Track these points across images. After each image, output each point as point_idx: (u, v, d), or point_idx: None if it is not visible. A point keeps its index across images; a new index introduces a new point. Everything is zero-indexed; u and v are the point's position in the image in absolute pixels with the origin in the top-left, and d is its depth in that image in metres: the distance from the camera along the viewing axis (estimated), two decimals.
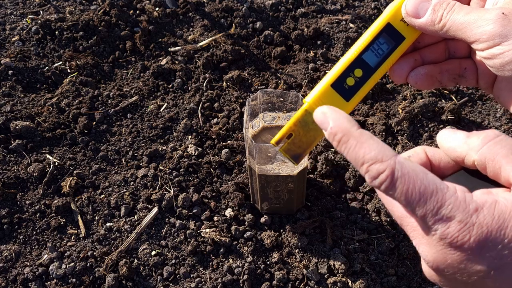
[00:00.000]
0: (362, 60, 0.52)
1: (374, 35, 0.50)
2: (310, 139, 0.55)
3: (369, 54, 0.51)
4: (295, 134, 0.55)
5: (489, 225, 0.33)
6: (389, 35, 0.50)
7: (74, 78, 1.08)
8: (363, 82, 0.52)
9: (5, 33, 1.19)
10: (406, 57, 0.52)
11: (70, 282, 0.77)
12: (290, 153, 0.56)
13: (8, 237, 0.83)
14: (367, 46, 0.51)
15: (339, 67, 0.52)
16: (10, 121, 0.97)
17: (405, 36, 0.50)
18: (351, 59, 0.52)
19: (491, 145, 0.35)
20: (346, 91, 0.52)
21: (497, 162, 0.35)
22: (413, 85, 0.52)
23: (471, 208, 0.33)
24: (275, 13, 1.24)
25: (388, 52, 0.51)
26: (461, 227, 0.33)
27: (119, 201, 0.87)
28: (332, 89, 0.52)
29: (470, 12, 0.42)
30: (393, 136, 0.97)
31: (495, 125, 0.98)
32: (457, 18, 0.42)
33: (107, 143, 0.97)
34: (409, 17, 0.47)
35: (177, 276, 0.78)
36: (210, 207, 0.85)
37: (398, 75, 0.52)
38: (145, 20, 1.20)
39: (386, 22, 0.50)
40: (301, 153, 0.55)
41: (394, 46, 0.50)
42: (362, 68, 0.52)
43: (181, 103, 1.04)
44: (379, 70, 0.51)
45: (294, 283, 0.76)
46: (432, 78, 0.51)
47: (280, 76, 1.09)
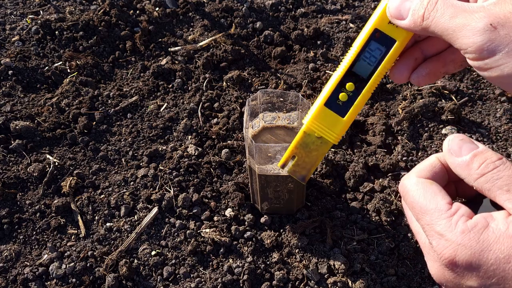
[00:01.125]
0: (353, 74, 0.50)
1: (362, 44, 0.49)
2: (313, 159, 0.56)
3: (360, 65, 0.50)
4: (298, 156, 0.55)
5: (473, 247, 0.36)
6: (379, 40, 0.48)
7: (74, 78, 1.08)
8: (356, 95, 0.51)
9: (5, 33, 1.19)
10: (406, 57, 0.50)
11: (70, 282, 0.77)
12: (296, 174, 0.57)
13: (8, 237, 0.83)
14: (357, 57, 0.49)
15: (330, 85, 0.51)
16: (10, 121, 0.97)
17: (396, 38, 0.48)
18: (341, 74, 0.51)
19: (488, 176, 0.38)
20: (341, 108, 0.51)
21: (493, 192, 0.37)
22: (417, 85, 0.51)
23: (458, 230, 0.37)
24: (275, 13, 1.24)
25: (381, 59, 0.49)
26: (448, 244, 0.37)
27: (119, 201, 0.87)
28: (326, 108, 0.52)
29: (455, 15, 0.40)
30: (393, 136, 0.97)
31: (495, 125, 0.98)
32: (442, 21, 0.41)
33: (107, 143, 0.97)
34: (394, 19, 0.46)
35: (177, 276, 0.78)
36: (210, 207, 0.85)
37: (399, 78, 0.51)
38: (145, 20, 1.20)
39: (373, 28, 0.48)
40: (306, 173, 0.56)
41: (386, 51, 0.48)
42: (354, 81, 0.50)
43: (181, 103, 1.04)
44: (373, 79, 0.50)
45: (294, 283, 0.76)
46: (435, 74, 0.50)
47: (280, 76, 1.09)
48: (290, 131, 0.78)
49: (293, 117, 0.78)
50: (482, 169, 0.38)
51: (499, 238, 0.35)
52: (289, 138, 0.77)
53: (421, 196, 0.41)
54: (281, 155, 0.71)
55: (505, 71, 0.38)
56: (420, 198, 0.41)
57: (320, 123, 0.52)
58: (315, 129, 0.53)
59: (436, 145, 0.94)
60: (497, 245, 0.35)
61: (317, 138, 0.54)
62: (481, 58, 0.39)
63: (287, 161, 0.57)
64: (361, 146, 0.95)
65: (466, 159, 0.39)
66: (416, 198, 0.41)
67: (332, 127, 0.52)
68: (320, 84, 1.06)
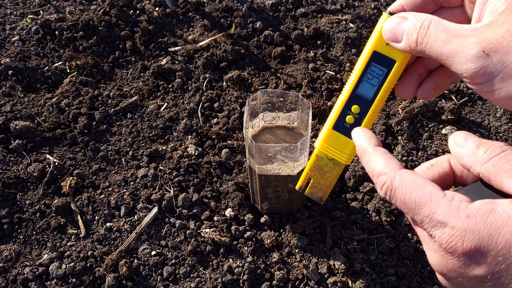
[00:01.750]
0: (357, 96, 0.51)
1: (363, 67, 0.50)
2: (328, 180, 0.57)
3: (364, 87, 0.51)
4: (313, 179, 0.57)
5: (481, 231, 0.34)
6: (379, 62, 0.49)
7: (74, 78, 1.08)
8: (363, 117, 0.52)
9: (5, 33, 1.19)
10: (410, 74, 0.50)
11: (70, 282, 0.77)
12: (314, 196, 0.59)
13: (8, 237, 0.83)
14: (360, 80, 0.50)
15: (336, 109, 0.53)
16: (10, 121, 0.97)
17: (395, 59, 0.48)
18: (346, 98, 0.52)
19: (495, 160, 0.37)
20: (348, 130, 0.53)
21: (500, 176, 0.36)
22: (423, 99, 0.51)
23: (462, 215, 0.35)
24: (275, 13, 1.24)
25: (383, 79, 0.49)
26: (453, 232, 0.35)
27: (119, 201, 0.87)
28: (334, 131, 0.53)
29: (448, 41, 0.40)
30: (393, 136, 0.97)
31: (495, 125, 0.98)
32: (435, 47, 0.41)
33: (107, 143, 0.97)
34: (390, 41, 0.46)
35: (177, 276, 0.78)
36: (210, 207, 0.85)
37: (405, 95, 0.51)
38: (145, 20, 1.20)
39: (372, 51, 0.49)
40: (323, 195, 0.58)
41: (387, 72, 0.49)
42: (359, 103, 0.51)
43: (181, 103, 1.04)
44: (377, 100, 0.51)
45: (294, 283, 0.76)
46: (441, 86, 0.50)
47: (280, 76, 1.09)
48: (290, 131, 0.78)
49: (293, 117, 0.78)
50: (488, 153, 0.37)
51: (508, 221, 0.34)
52: (289, 138, 0.77)
53: (411, 189, 0.38)
54: (281, 155, 0.71)
55: (501, 95, 0.38)
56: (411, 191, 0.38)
57: (331, 145, 0.54)
58: (327, 152, 0.55)
59: (436, 145, 0.94)
60: (507, 227, 0.34)
61: (329, 160, 0.55)
62: (477, 84, 0.39)
63: (303, 184, 0.59)
64: None
65: (472, 147, 0.39)
66: (407, 193, 0.38)
67: (343, 149, 0.54)
68: (320, 84, 1.06)
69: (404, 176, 0.39)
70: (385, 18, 0.47)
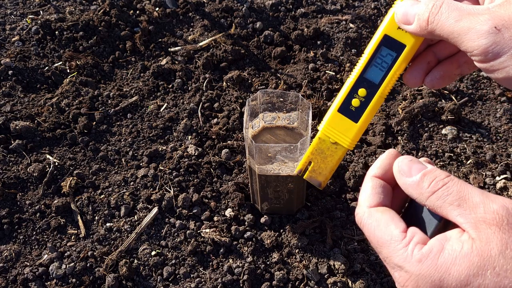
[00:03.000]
0: (365, 79, 0.51)
1: (373, 50, 0.50)
2: (329, 165, 0.57)
3: (372, 71, 0.51)
4: (314, 162, 0.57)
5: (432, 276, 0.36)
6: (389, 46, 0.49)
7: (74, 78, 1.08)
8: (369, 101, 0.52)
9: (5, 33, 1.19)
10: (419, 61, 0.51)
11: (70, 282, 0.77)
12: (313, 180, 0.58)
13: (8, 237, 0.83)
14: (369, 63, 0.51)
15: (343, 91, 0.53)
16: (10, 121, 0.97)
17: (406, 43, 0.49)
18: (353, 80, 0.52)
19: (438, 193, 0.38)
20: (354, 113, 0.53)
21: (444, 209, 0.37)
22: (431, 88, 0.52)
23: (415, 260, 0.37)
24: (275, 13, 1.24)
25: (392, 64, 0.50)
26: (408, 277, 0.37)
27: (119, 201, 0.87)
28: (339, 114, 0.53)
29: (460, 18, 0.40)
30: (393, 136, 0.97)
31: (495, 125, 0.98)
32: (447, 25, 0.41)
33: (107, 143, 0.97)
34: (401, 24, 0.47)
35: (177, 276, 0.78)
36: (210, 207, 0.85)
37: (413, 82, 0.51)
38: (145, 20, 1.20)
39: (383, 34, 0.49)
40: (323, 179, 0.57)
41: (397, 56, 0.49)
42: (366, 87, 0.52)
43: (181, 103, 1.04)
44: (384, 85, 0.51)
45: (294, 283, 0.76)
46: (449, 77, 0.50)
47: (280, 76, 1.09)
48: (290, 131, 0.78)
49: (293, 117, 0.78)
50: (432, 187, 0.38)
51: (456, 260, 0.35)
52: (289, 138, 0.77)
53: (375, 229, 0.40)
54: (281, 155, 0.71)
55: (510, 72, 0.38)
56: (375, 231, 0.40)
57: (335, 128, 0.54)
58: (330, 135, 0.54)
59: (436, 145, 0.94)
60: (455, 267, 0.35)
61: (332, 143, 0.55)
62: (486, 61, 0.39)
63: (304, 167, 0.58)
64: (361, 146, 0.95)
65: (416, 178, 0.39)
66: (372, 232, 0.40)
67: (347, 133, 0.54)
68: (320, 84, 1.06)
69: (373, 214, 0.41)
70: (397, 2, 0.48)
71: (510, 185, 0.87)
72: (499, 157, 0.93)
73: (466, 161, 0.92)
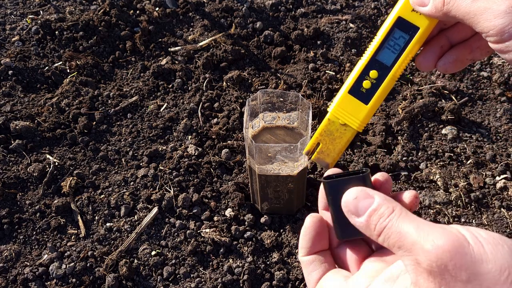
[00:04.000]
0: (376, 61, 0.51)
1: (386, 32, 0.50)
2: (338, 146, 0.56)
3: (384, 53, 0.51)
4: (322, 143, 0.56)
5: None
6: (402, 28, 0.50)
7: (74, 78, 1.08)
8: (380, 83, 0.52)
9: (5, 33, 1.19)
10: (432, 45, 0.51)
11: (70, 282, 0.77)
12: (321, 161, 0.58)
13: (8, 237, 0.83)
14: (381, 45, 0.51)
15: (354, 73, 0.53)
16: (10, 121, 0.97)
17: (419, 26, 0.49)
18: (365, 62, 0.52)
19: (383, 235, 0.38)
20: (364, 95, 0.53)
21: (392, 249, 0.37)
22: (443, 72, 0.52)
23: None
24: (275, 13, 1.24)
25: (404, 46, 0.50)
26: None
27: (119, 201, 0.87)
28: (350, 95, 0.53)
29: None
30: (393, 136, 0.97)
31: (495, 125, 0.98)
32: (463, 5, 0.41)
33: (107, 143, 0.97)
34: (416, 6, 0.47)
35: (177, 276, 0.78)
36: (210, 207, 0.85)
37: (425, 66, 0.51)
38: (145, 20, 1.20)
39: (397, 16, 0.50)
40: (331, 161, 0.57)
41: (409, 38, 0.49)
42: (377, 69, 0.52)
43: (181, 103, 1.04)
44: (396, 67, 0.51)
45: (294, 283, 0.76)
46: (462, 61, 0.50)
47: (280, 76, 1.09)
48: (290, 131, 0.78)
49: (293, 117, 0.78)
50: (377, 229, 0.38)
51: None
52: (289, 138, 0.77)
53: None
54: (281, 155, 0.71)
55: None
56: None
57: (344, 110, 0.54)
58: (340, 116, 0.54)
59: (436, 145, 0.94)
60: None
61: (341, 125, 0.55)
62: (502, 41, 0.39)
63: (312, 148, 0.58)
64: (361, 146, 0.95)
65: (363, 221, 0.40)
66: None
67: (356, 114, 0.54)
68: (320, 84, 1.06)
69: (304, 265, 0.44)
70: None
71: (510, 185, 0.87)
72: (499, 157, 0.93)
73: (466, 161, 0.92)
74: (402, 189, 0.87)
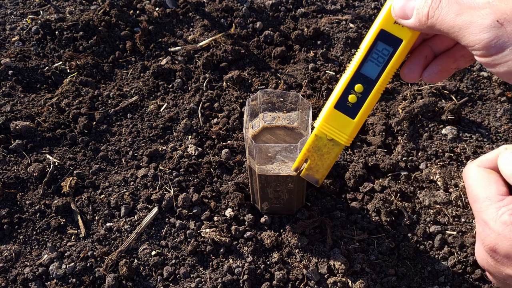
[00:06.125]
0: (361, 75, 0.50)
1: (369, 45, 0.49)
2: (326, 162, 0.56)
3: (369, 66, 0.50)
4: (311, 160, 0.56)
5: None
6: (385, 41, 0.48)
7: (74, 78, 1.08)
8: (366, 96, 0.51)
9: (5, 33, 1.19)
10: (415, 56, 0.50)
11: (70, 282, 0.77)
12: (310, 178, 0.57)
13: (8, 237, 0.83)
14: (365, 58, 0.50)
15: (339, 87, 0.52)
16: (10, 121, 0.97)
17: (402, 38, 0.48)
18: (350, 76, 0.51)
19: None
20: (350, 109, 0.52)
21: None
22: (429, 82, 0.52)
23: (500, 221, 0.40)
24: (275, 13, 1.24)
25: (388, 59, 0.49)
26: (489, 233, 0.40)
27: (119, 201, 0.87)
28: (336, 110, 0.52)
29: (461, 13, 0.40)
30: (393, 136, 0.97)
31: (495, 125, 0.98)
32: (447, 19, 0.40)
33: (107, 143, 0.97)
34: (399, 18, 0.46)
35: (177, 276, 0.78)
36: (210, 207, 0.85)
37: (410, 77, 0.51)
38: (145, 20, 1.20)
39: (379, 29, 0.48)
40: (320, 177, 0.57)
41: (393, 51, 0.48)
42: (362, 82, 0.50)
43: (181, 103, 1.04)
44: (381, 80, 0.50)
45: (294, 283, 0.76)
46: (447, 70, 0.49)
47: (280, 76, 1.09)
48: (290, 131, 0.78)
49: (293, 117, 0.78)
50: None
51: None
52: (289, 138, 0.77)
53: (477, 184, 0.43)
54: (281, 155, 0.71)
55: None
56: (475, 186, 0.43)
57: (331, 125, 0.53)
58: (326, 132, 0.54)
59: (436, 145, 0.94)
60: None
61: (328, 140, 0.54)
62: (488, 55, 0.39)
63: (300, 164, 0.57)
64: (361, 146, 0.95)
65: None
66: (472, 186, 0.44)
67: (343, 129, 0.53)
68: (320, 84, 1.06)
69: (480, 172, 0.45)
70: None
71: None
72: None
73: (466, 161, 0.92)
74: (402, 189, 0.88)
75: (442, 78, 0.50)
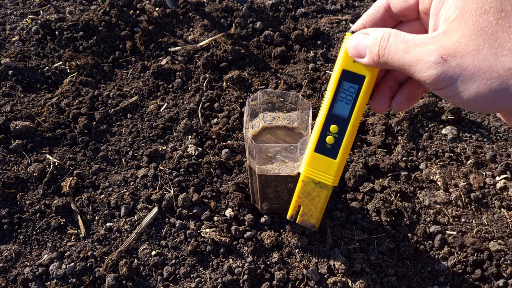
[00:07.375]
0: (333, 115, 0.52)
1: (335, 86, 0.51)
2: (318, 205, 0.57)
3: (339, 106, 0.52)
4: (303, 205, 0.57)
5: None
6: (349, 79, 0.50)
7: (74, 78, 1.08)
8: (342, 135, 0.53)
9: (5, 33, 1.19)
10: (381, 88, 0.52)
11: (70, 282, 0.77)
12: (306, 223, 0.59)
13: (8, 237, 0.83)
14: (334, 99, 0.51)
15: (315, 132, 0.53)
16: (10, 121, 0.97)
17: (365, 74, 0.49)
18: (323, 119, 0.53)
19: None
20: (330, 150, 0.53)
21: None
22: (399, 110, 0.53)
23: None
24: (275, 13, 1.24)
25: (356, 96, 0.51)
26: None
27: (119, 201, 0.87)
28: (316, 153, 0.54)
29: (408, 50, 0.41)
30: (393, 136, 0.97)
31: (495, 125, 0.98)
32: (396, 57, 0.42)
33: (107, 143, 0.97)
34: (355, 58, 0.48)
35: (177, 276, 0.78)
36: (210, 207, 0.85)
37: (380, 109, 0.52)
38: (145, 20, 1.20)
39: (341, 70, 0.50)
40: (315, 221, 0.58)
41: (359, 88, 0.50)
42: (336, 123, 0.52)
43: (181, 103, 1.04)
44: (354, 117, 0.52)
45: (294, 283, 0.76)
46: (414, 97, 0.51)
47: (280, 76, 1.09)
48: (290, 131, 0.78)
49: (293, 117, 0.78)
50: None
51: None
52: (289, 138, 0.77)
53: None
54: (281, 155, 0.71)
55: (464, 97, 0.39)
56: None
57: (315, 168, 0.55)
58: (312, 176, 0.55)
59: (436, 145, 0.94)
60: None
61: (315, 184, 0.56)
62: (440, 88, 0.41)
63: (294, 212, 0.59)
64: (361, 146, 0.95)
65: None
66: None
67: (328, 170, 0.55)
68: (320, 84, 1.06)
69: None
70: (348, 37, 0.48)
71: (510, 185, 0.87)
72: (499, 157, 0.93)
73: (466, 161, 0.92)
74: (402, 189, 0.88)
75: (410, 104, 0.52)
